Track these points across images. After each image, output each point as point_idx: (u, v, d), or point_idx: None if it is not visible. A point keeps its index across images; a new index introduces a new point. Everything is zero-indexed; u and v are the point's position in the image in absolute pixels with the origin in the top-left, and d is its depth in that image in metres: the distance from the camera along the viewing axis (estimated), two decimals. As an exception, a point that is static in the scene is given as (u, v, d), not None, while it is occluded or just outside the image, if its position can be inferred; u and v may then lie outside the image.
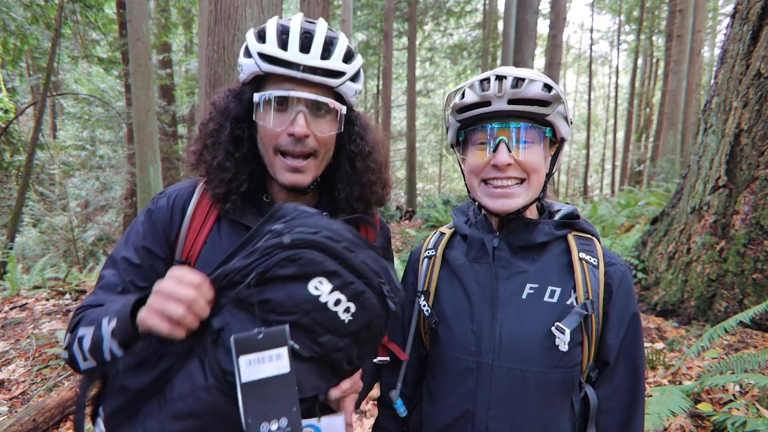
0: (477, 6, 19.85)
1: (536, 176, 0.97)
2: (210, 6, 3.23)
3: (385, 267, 0.84)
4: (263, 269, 0.74)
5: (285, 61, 0.91)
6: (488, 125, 0.96)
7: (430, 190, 27.79)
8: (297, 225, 0.77)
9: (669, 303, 3.66)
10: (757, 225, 3.17)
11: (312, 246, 0.75)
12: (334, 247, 0.77)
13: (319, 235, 0.76)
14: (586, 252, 0.99)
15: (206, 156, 0.99)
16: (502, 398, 0.94)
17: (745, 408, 2.15)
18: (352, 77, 0.98)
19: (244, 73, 0.97)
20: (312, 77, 0.92)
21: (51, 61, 8.06)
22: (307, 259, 0.74)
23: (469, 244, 1.07)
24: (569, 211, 1.06)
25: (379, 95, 22.33)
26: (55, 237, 11.00)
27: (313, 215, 0.81)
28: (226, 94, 1.02)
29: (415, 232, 9.64)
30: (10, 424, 2.79)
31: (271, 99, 0.92)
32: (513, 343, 0.95)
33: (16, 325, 4.51)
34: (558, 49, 10.75)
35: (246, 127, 1.00)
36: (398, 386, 1.10)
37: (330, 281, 0.76)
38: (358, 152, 1.06)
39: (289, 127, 0.92)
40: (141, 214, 1.03)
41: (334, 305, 0.76)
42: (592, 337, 0.94)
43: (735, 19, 3.44)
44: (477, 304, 1.00)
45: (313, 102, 0.93)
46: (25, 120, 13.20)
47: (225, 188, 0.97)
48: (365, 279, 0.79)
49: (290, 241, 0.74)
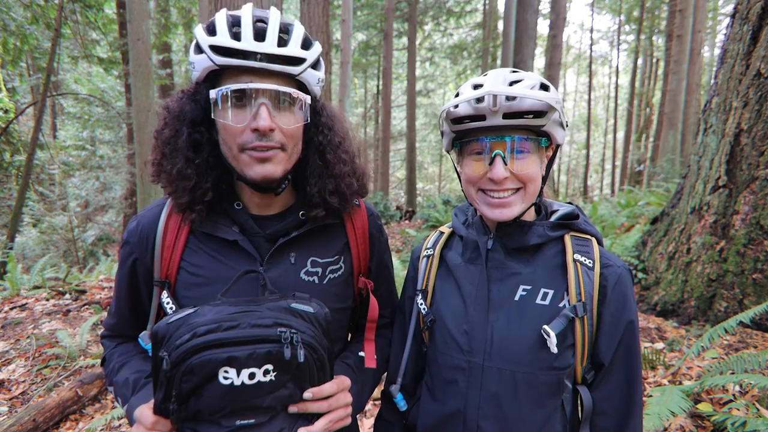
0: (477, 6, 19.84)
1: (532, 185, 0.97)
2: (210, 6, 3.22)
3: (280, 310, 0.84)
4: (176, 392, 0.77)
5: (240, 51, 0.85)
6: (483, 138, 0.95)
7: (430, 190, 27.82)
8: (175, 340, 0.78)
9: (669, 303, 3.66)
10: (757, 225, 3.17)
11: (193, 353, 0.76)
12: (213, 339, 0.77)
13: (195, 340, 0.77)
14: (582, 253, 0.98)
15: (165, 165, 0.93)
16: (493, 398, 0.95)
17: (745, 408, 2.15)
18: (313, 64, 0.93)
19: (196, 70, 0.90)
20: (271, 66, 0.86)
21: (51, 61, 8.07)
22: (199, 363, 0.76)
23: (465, 245, 1.08)
24: (568, 212, 1.05)
25: (379, 95, 22.34)
26: (55, 237, 10.99)
27: (188, 315, 0.81)
28: (180, 96, 0.96)
29: (415, 232, 9.64)
30: (10, 424, 2.79)
31: (228, 94, 0.86)
32: (504, 344, 0.95)
33: (16, 325, 4.51)
34: (558, 49, 10.75)
35: (205, 131, 0.94)
36: (398, 381, 1.12)
37: (231, 366, 0.77)
38: (327, 143, 1.01)
39: (251, 122, 0.86)
40: (121, 248, 1.04)
41: (250, 378, 0.78)
42: (585, 339, 0.94)
43: (735, 19, 3.44)
44: (470, 304, 1.01)
45: (275, 93, 0.87)
46: (25, 120, 13.20)
47: (189, 197, 0.92)
48: (261, 342, 0.79)
49: (174, 362, 0.76)
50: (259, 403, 0.80)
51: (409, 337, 1.12)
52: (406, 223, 12.91)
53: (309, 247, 1.03)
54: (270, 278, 0.96)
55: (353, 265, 1.11)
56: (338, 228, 1.10)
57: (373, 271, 1.17)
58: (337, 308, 1.08)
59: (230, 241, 0.97)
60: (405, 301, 1.19)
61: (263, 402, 0.80)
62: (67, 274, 6.48)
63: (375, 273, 1.18)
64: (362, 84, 25.68)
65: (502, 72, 0.97)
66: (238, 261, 0.97)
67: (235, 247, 0.97)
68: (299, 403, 0.84)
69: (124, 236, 1.03)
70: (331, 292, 1.05)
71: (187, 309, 0.82)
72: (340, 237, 1.10)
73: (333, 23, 14.68)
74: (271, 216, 1.03)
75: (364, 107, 25.40)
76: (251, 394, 0.78)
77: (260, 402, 0.80)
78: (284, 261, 1.00)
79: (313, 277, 1.02)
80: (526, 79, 0.95)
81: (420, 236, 8.81)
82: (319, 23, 6.06)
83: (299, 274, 1.01)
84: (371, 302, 1.11)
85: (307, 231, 1.02)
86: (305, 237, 1.02)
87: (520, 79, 0.95)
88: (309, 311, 0.86)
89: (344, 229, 1.11)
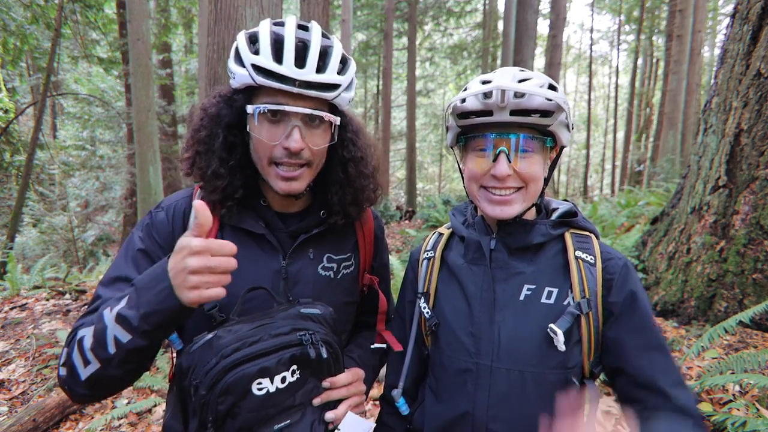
0: (477, 6, 19.84)
1: (534, 185, 0.97)
2: (210, 6, 3.23)
3: (293, 317, 0.90)
4: (212, 417, 0.79)
5: (280, 76, 0.89)
6: (489, 134, 0.95)
7: (430, 190, 27.81)
8: (203, 366, 0.80)
9: (669, 303, 3.66)
10: (757, 225, 3.17)
11: (225, 373, 0.79)
12: (241, 356, 0.80)
13: (224, 361, 0.79)
14: (583, 250, 0.98)
15: (200, 163, 0.99)
16: (502, 399, 0.94)
17: (745, 408, 2.15)
18: (346, 87, 0.98)
19: (236, 81, 0.95)
20: (307, 92, 0.91)
21: (51, 61, 8.06)
22: (234, 381, 0.79)
23: (467, 246, 1.07)
24: (567, 209, 1.06)
25: (379, 95, 22.33)
26: (55, 237, 11.00)
27: (207, 343, 0.82)
28: (218, 99, 1.01)
29: (415, 232, 9.64)
30: (10, 424, 2.79)
31: (266, 112, 0.92)
32: (511, 345, 0.95)
33: (16, 325, 4.51)
34: (558, 49, 10.75)
35: (238, 134, 1.00)
36: (400, 385, 1.11)
37: (263, 376, 0.82)
38: (350, 158, 1.07)
39: (284, 141, 0.92)
40: (137, 230, 1.01)
41: (282, 382, 0.84)
42: (591, 335, 0.94)
43: (735, 19, 3.44)
44: (475, 306, 1.00)
45: (309, 115, 0.93)
46: (25, 120, 13.20)
47: (220, 195, 0.98)
48: (285, 348, 0.85)
49: (208, 386, 0.78)
50: (291, 402, 0.87)
51: (411, 341, 1.11)
52: (406, 223, 12.90)
53: (325, 244, 1.10)
54: (291, 272, 1.03)
55: (360, 263, 1.19)
56: (350, 228, 1.18)
57: (376, 269, 1.25)
58: (348, 302, 1.16)
59: (257, 235, 1.02)
60: (405, 305, 1.18)
61: (294, 401, 0.87)
62: (67, 274, 6.48)
63: (377, 271, 1.26)
64: (362, 84, 25.68)
65: (512, 70, 0.97)
66: (263, 254, 1.02)
67: (261, 240, 1.03)
68: (322, 394, 0.92)
69: (146, 221, 1.02)
70: (343, 286, 1.13)
71: (204, 335, 0.85)
72: (352, 236, 1.18)
73: (333, 23, 14.68)
74: (293, 214, 1.10)
75: (364, 107, 25.39)
76: (285, 395, 0.85)
77: (292, 401, 0.87)
78: (304, 256, 1.06)
79: (329, 272, 1.09)
80: (535, 78, 0.95)
81: (420, 236, 8.80)
82: (319, 23, 6.04)
83: (317, 268, 1.08)
84: (380, 296, 1.19)
85: (325, 229, 1.09)
86: (322, 235, 1.09)
87: (529, 78, 0.95)
88: (317, 313, 0.94)
89: (355, 230, 1.19)
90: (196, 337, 0.86)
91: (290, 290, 1.02)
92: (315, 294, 1.04)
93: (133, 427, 3.00)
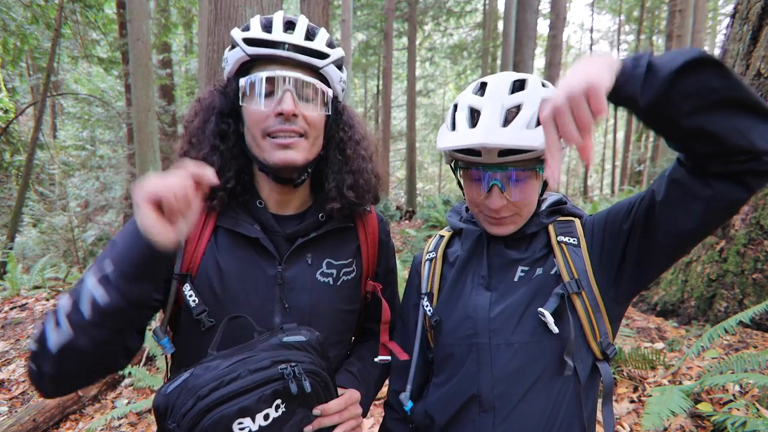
0: (477, 6, 19.85)
1: (527, 209, 1.00)
2: (210, 6, 3.23)
3: (274, 348, 0.85)
4: None
5: (270, 41, 0.92)
6: (480, 168, 0.96)
7: (430, 190, 27.80)
8: (179, 408, 0.77)
9: (669, 303, 3.66)
10: (757, 225, 3.17)
11: (203, 415, 0.76)
12: (218, 396, 0.77)
13: (200, 403, 0.76)
14: (565, 234, 1.01)
15: (191, 153, 0.98)
16: (505, 375, 0.96)
17: (745, 408, 2.15)
18: (336, 62, 0.99)
19: (229, 64, 0.98)
20: (297, 56, 0.93)
21: (51, 61, 8.07)
22: (212, 423, 0.76)
23: (465, 237, 1.10)
24: (556, 199, 1.10)
25: (379, 95, 22.34)
26: (55, 237, 10.98)
27: (183, 383, 0.79)
28: (212, 90, 1.03)
29: (415, 232, 9.63)
30: (10, 424, 2.79)
31: (255, 81, 0.92)
32: (505, 319, 0.98)
33: (16, 325, 4.52)
34: (558, 49, 10.75)
35: (232, 122, 1.00)
36: (408, 389, 1.11)
37: (243, 416, 0.78)
38: (347, 140, 1.07)
39: (276, 106, 0.92)
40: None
41: (266, 419, 0.80)
42: (590, 313, 0.95)
43: (735, 19, 3.44)
44: (473, 291, 1.04)
45: (300, 81, 0.93)
46: (25, 120, 13.20)
47: None
48: (265, 384, 0.80)
49: (186, 429, 0.76)
50: None
51: (417, 345, 1.11)
52: (406, 223, 12.91)
53: (325, 248, 1.06)
54: (287, 278, 0.99)
55: (363, 269, 1.13)
56: (352, 232, 1.13)
57: (380, 275, 1.19)
58: (348, 310, 1.10)
59: (251, 239, 0.99)
60: (409, 310, 1.18)
61: None
62: (67, 274, 6.48)
63: (381, 277, 1.20)
64: (362, 84, 25.68)
65: (500, 95, 0.94)
66: (258, 258, 0.99)
67: (256, 244, 0.99)
68: (313, 422, 0.88)
69: None
70: (343, 293, 1.07)
71: (181, 374, 0.81)
72: (353, 241, 1.13)
73: (333, 23, 14.67)
74: (290, 216, 1.06)
75: (364, 107, 25.40)
76: (271, 431, 0.81)
77: None
78: (301, 261, 1.02)
79: (328, 278, 1.05)
80: (525, 103, 0.91)
81: (420, 236, 8.80)
82: (319, 23, 6.03)
83: (315, 274, 1.03)
84: (384, 306, 1.13)
85: (324, 233, 1.05)
86: (322, 239, 1.05)
87: (520, 104, 0.92)
88: (301, 340, 0.88)
89: (357, 234, 1.14)
90: (172, 376, 0.83)
91: (286, 297, 0.98)
92: (312, 301, 1.01)
93: (133, 427, 3.00)
